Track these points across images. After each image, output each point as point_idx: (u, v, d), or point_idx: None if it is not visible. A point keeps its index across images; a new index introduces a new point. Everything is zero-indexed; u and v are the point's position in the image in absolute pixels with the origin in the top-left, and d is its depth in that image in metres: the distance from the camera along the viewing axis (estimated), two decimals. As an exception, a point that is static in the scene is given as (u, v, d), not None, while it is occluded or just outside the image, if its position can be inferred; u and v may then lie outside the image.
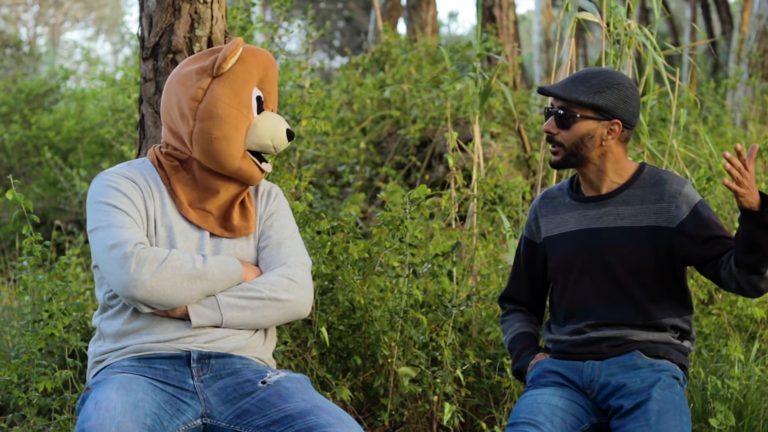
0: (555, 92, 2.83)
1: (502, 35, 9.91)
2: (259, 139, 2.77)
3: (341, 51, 23.81)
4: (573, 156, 2.85)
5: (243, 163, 2.75)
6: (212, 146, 2.71)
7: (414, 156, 6.94)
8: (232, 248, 2.78)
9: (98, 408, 2.42)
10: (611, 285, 2.85)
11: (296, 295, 2.73)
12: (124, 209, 2.67)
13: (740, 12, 13.32)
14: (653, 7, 4.45)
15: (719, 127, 8.20)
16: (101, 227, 2.65)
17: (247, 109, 2.75)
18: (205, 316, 2.66)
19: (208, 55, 2.80)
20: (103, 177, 2.74)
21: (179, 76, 2.79)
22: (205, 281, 2.64)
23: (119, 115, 8.13)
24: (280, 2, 5.81)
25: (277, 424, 2.55)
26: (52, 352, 3.98)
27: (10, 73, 13.36)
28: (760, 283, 2.69)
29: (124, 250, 2.59)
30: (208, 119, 2.71)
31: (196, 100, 2.72)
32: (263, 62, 2.80)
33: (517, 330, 3.07)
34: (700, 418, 3.60)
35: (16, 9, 28.90)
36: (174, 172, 2.78)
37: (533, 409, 2.75)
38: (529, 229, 3.05)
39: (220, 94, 2.72)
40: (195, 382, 2.65)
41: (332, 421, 2.50)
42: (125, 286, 2.58)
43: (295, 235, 2.85)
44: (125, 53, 20.58)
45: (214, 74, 2.73)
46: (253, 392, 2.64)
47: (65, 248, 6.64)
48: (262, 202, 2.87)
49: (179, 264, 2.62)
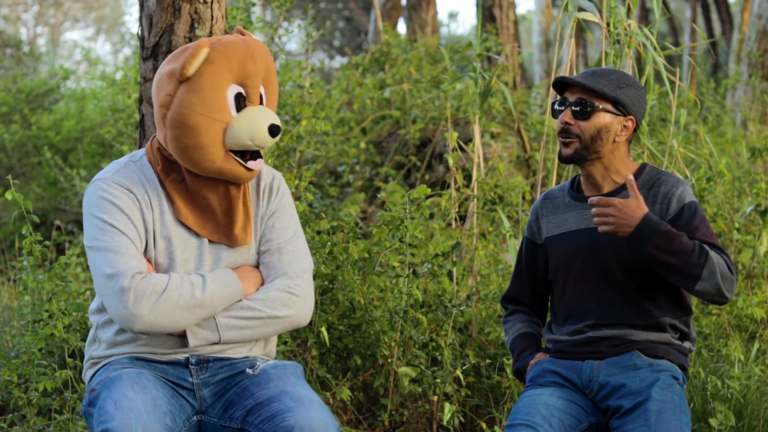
0: (580, 82, 2.83)
1: (502, 35, 9.90)
2: (237, 140, 2.61)
3: (341, 51, 23.81)
4: (586, 149, 2.85)
5: (225, 164, 2.61)
6: (186, 154, 2.60)
7: (414, 156, 6.94)
8: (233, 256, 2.69)
9: (120, 408, 2.39)
10: (610, 285, 2.85)
11: (297, 308, 2.67)
12: (121, 228, 2.57)
13: (740, 12, 13.31)
14: (653, 7, 4.45)
15: (719, 127, 8.20)
16: (98, 248, 2.57)
17: (220, 113, 2.59)
18: (202, 337, 2.61)
19: (181, 53, 2.63)
20: (98, 186, 2.62)
21: (157, 78, 2.66)
22: (204, 308, 2.57)
23: (119, 115, 8.12)
24: (280, 2, 5.81)
25: (251, 414, 2.54)
26: (52, 352, 3.98)
27: (10, 73, 13.35)
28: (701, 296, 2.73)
29: (121, 284, 2.51)
30: (176, 128, 2.58)
31: (164, 107, 2.60)
32: (238, 58, 2.61)
33: (519, 330, 3.07)
34: (700, 418, 3.60)
35: (16, 9, 28.90)
36: (165, 176, 2.67)
37: (531, 410, 2.75)
38: (530, 229, 3.06)
39: (187, 101, 2.57)
40: (194, 380, 2.64)
41: (292, 404, 2.47)
42: (124, 320, 2.52)
43: (296, 236, 2.76)
44: (125, 53, 20.57)
45: (180, 79, 2.57)
46: (240, 382, 2.63)
47: (65, 248, 6.64)
48: (263, 200, 2.76)
49: (178, 294, 2.54)
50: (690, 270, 2.68)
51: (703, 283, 2.69)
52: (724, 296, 2.72)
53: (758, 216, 4.57)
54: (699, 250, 2.68)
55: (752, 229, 4.86)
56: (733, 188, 5.74)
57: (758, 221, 4.64)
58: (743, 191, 5.75)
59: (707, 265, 2.67)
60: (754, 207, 4.59)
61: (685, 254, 2.67)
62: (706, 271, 2.67)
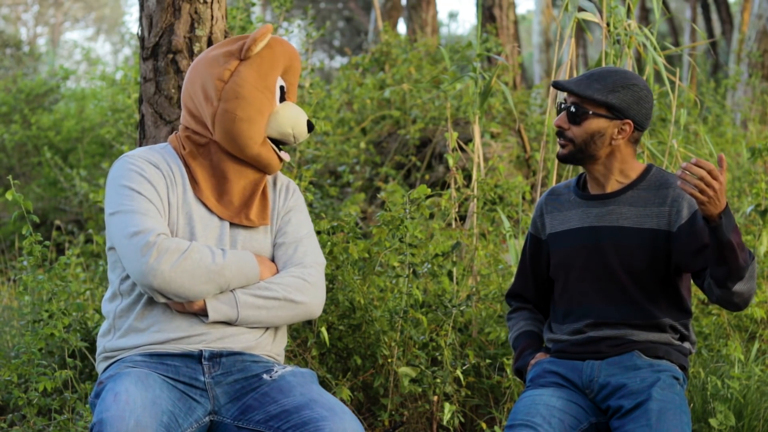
0: (569, 87, 2.83)
1: (502, 35, 9.91)
2: (281, 127, 2.79)
3: (341, 51, 23.82)
4: (581, 152, 2.85)
5: (263, 149, 2.76)
6: (235, 127, 2.72)
7: (414, 156, 6.94)
8: (249, 241, 2.78)
9: (118, 400, 2.42)
10: (610, 283, 2.85)
11: (310, 296, 2.75)
12: (148, 196, 2.66)
13: (740, 12, 13.31)
14: (653, 7, 4.45)
15: (719, 127, 8.20)
16: (123, 211, 2.64)
17: (272, 95, 2.78)
18: (222, 312, 2.66)
19: (235, 41, 2.82)
20: (126, 159, 2.72)
21: (206, 59, 2.81)
22: (222, 277, 2.64)
23: (119, 115, 8.12)
24: (280, 2, 5.81)
25: (275, 419, 2.56)
26: (52, 352, 3.98)
27: (10, 73, 13.36)
28: (731, 297, 2.68)
29: (147, 239, 2.58)
30: (233, 99, 2.72)
31: (222, 81, 2.74)
32: (290, 53, 2.84)
33: (522, 328, 3.07)
34: (700, 418, 3.60)
35: (16, 9, 28.91)
36: (192, 159, 2.77)
37: (531, 410, 2.74)
38: (534, 225, 3.06)
39: (247, 75, 2.74)
40: (206, 378, 2.65)
41: (325, 414, 2.50)
42: (143, 275, 2.58)
43: (311, 233, 2.86)
44: (125, 53, 20.57)
45: (242, 57, 2.75)
46: (258, 387, 2.65)
47: (65, 248, 6.64)
48: (280, 197, 2.87)
49: (199, 257, 2.62)
50: (742, 266, 2.63)
51: (743, 284, 2.65)
52: (748, 302, 2.71)
53: (758, 216, 4.57)
54: (748, 251, 2.66)
55: (752, 229, 4.86)
56: (733, 188, 5.75)
57: (758, 221, 4.64)
58: (743, 191, 5.75)
59: (752, 266, 2.66)
60: (754, 207, 4.59)
61: (744, 250, 2.64)
62: (749, 272, 2.66)
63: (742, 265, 2.63)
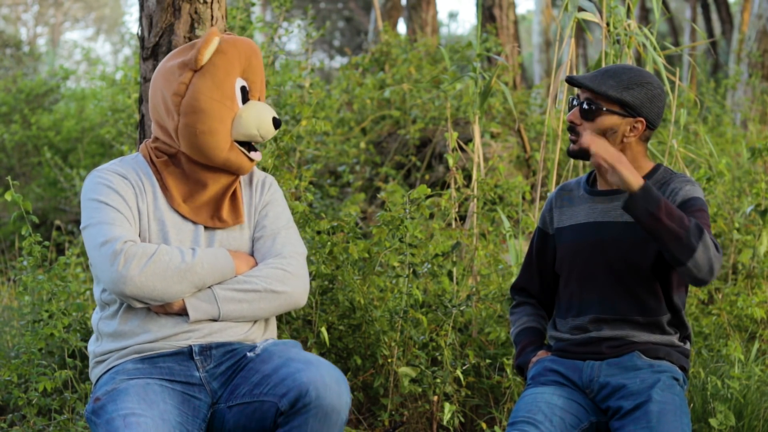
0: (584, 83, 2.83)
1: (502, 35, 9.91)
2: (245, 129, 2.77)
3: (341, 51, 23.81)
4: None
5: (231, 155, 2.76)
6: (198, 140, 2.72)
7: (414, 156, 6.94)
8: (226, 239, 2.79)
9: (128, 424, 2.44)
10: (613, 280, 2.85)
11: (292, 286, 2.74)
12: (115, 206, 2.68)
13: (740, 12, 13.32)
14: (653, 7, 4.46)
15: (719, 127, 8.20)
16: (92, 224, 2.67)
17: (231, 101, 2.75)
18: (202, 310, 2.67)
19: (189, 48, 2.79)
20: (95, 174, 2.75)
21: (163, 71, 2.79)
22: (195, 275, 2.64)
23: (119, 115, 8.13)
24: (280, 2, 5.81)
25: (258, 386, 2.58)
26: (52, 352, 3.98)
27: (10, 73, 13.36)
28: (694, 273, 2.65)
29: (114, 248, 2.60)
30: (191, 114, 2.71)
31: (178, 95, 2.72)
32: (245, 52, 2.78)
33: (524, 324, 3.07)
34: (700, 418, 3.60)
35: (16, 9, 28.90)
36: (164, 167, 2.78)
37: (532, 408, 2.75)
38: (543, 219, 3.07)
39: (202, 87, 2.71)
40: (201, 374, 2.67)
41: (301, 366, 2.53)
42: (114, 283, 2.59)
43: (289, 224, 2.86)
44: (125, 53, 20.57)
45: (194, 68, 2.73)
46: (244, 366, 2.68)
47: (65, 248, 6.63)
48: (257, 192, 2.88)
49: (167, 258, 2.63)
50: (689, 241, 2.62)
51: (698, 257, 2.62)
52: (713, 273, 2.67)
53: (758, 216, 4.57)
54: (695, 225, 2.65)
55: (752, 229, 4.86)
56: (733, 188, 5.75)
57: (758, 221, 4.64)
58: (743, 191, 5.75)
59: (703, 239, 2.63)
60: (754, 207, 4.60)
61: (684, 225, 2.63)
62: (702, 245, 2.63)
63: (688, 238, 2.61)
